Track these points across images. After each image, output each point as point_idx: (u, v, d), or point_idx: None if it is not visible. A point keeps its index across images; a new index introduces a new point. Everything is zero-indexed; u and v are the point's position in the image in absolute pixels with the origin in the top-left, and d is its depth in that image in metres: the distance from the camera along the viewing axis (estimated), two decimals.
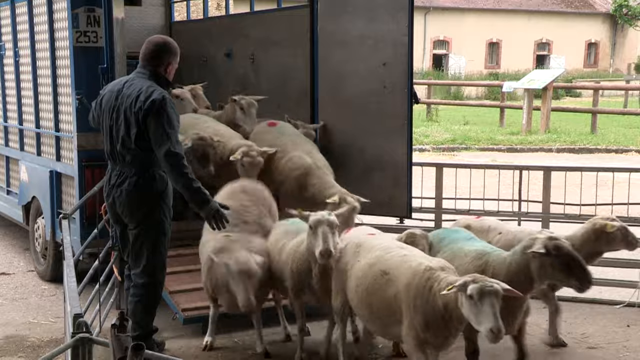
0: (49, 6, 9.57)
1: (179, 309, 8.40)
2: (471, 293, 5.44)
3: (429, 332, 6.04)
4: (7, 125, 11.68)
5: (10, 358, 7.92)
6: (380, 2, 9.91)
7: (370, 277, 6.50)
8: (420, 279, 5.97)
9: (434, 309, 5.90)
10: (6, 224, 13.08)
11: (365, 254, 6.75)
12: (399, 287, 6.17)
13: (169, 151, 6.82)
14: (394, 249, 6.70)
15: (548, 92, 29.36)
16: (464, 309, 5.58)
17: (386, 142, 9.84)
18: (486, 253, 6.99)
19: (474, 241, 7.58)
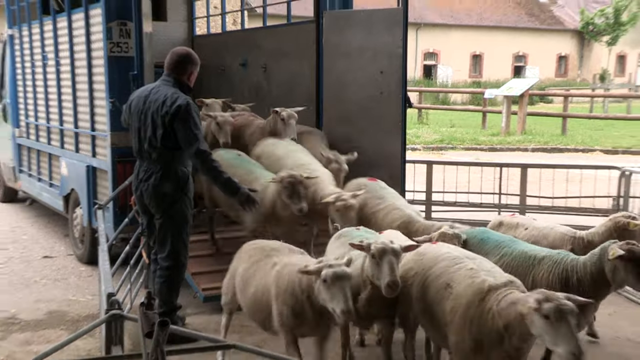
0: (86, 20, 9.60)
1: (199, 288, 8.46)
2: (547, 313, 4.62)
3: (481, 353, 5.14)
4: (49, 125, 11.63)
5: (53, 330, 7.96)
6: (378, 18, 9.94)
7: (435, 288, 5.61)
8: (480, 300, 5.10)
9: (491, 330, 5.01)
10: (49, 213, 13.07)
11: (430, 264, 5.86)
12: (459, 303, 5.27)
13: (199, 150, 7.03)
14: (462, 259, 5.69)
15: (524, 98, 29.42)
16: (535, 328, 4.72)
17: (383, 142, 9.84)
18: (560, 259, 6.24)
19: (522, 243, 6.82)
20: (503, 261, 6.34)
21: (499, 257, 6.45)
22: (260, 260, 6.27)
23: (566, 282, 5.92)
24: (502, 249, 6.54)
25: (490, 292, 5.10)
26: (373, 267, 5.72)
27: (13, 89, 13.47)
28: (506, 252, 6.48)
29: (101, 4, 9.06)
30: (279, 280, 5.77)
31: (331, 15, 10.50)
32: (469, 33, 58.93)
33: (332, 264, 5.24)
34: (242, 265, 6.45)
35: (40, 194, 12.66)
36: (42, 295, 9.29)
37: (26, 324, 8.24)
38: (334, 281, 5.07)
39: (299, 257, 6.18)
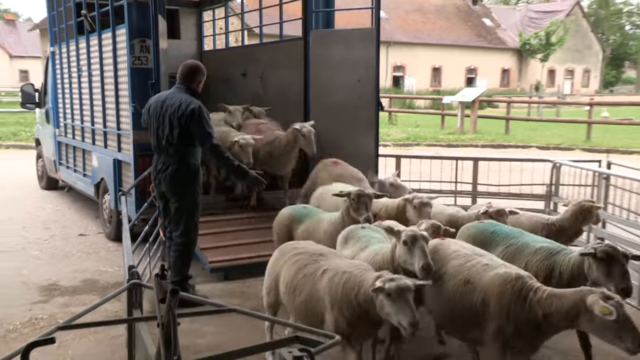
0: (113, 39, 9.52)
1: (207, 261, 8.47)
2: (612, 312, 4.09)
3: (521, 338, 4.73)
4: (83, 126, 11.54)
5: (87, 295, 7.95)
6: (355, 36, 9.94)
7: (451, 286, 5.08)
8: (512, 287, 4.67)
9: (529, 318, 4.60)
10: (83, 199, 12.98)
11: (443, 262, 5.27)
12: (488, 295, 4.79)
13: (212, 144, 7.16)
14: (473, 257, 5.21)
15: (475, 104, 29.45)
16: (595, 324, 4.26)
17: (359, 139, 9.81)
18: (555, 252, 5.63)
19: (529, 235, 6.15)
20: (507, 250, 5.88)
21: (506, 246, 5.96)
22: (308, 265, 5.28)
23: (550, 274, 5.49)
24: (510, 239, 6.00)
25: (518, 279, 4.72)
26: (405, 253, 5.21)
27: (54, 96, 13.34)
28: (513, 243, 5.94)
29: (126, 25, 8.96)
30: (333, 289, 4.90)
31: (316, 33, 10.42)
32: (430, 50, 59.17)
33: (394, 278, 4.54)
34: (287, 270, 5.41)
35: (75, 183, 12.57)
36: (78, 266, 9.21)
37: (65, 290, 8.20)
38: (399, 294, 4.44)
39: (347, 262, 5.26)
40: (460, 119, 29.39)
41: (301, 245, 5.69)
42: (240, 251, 8.79)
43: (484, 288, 4.84)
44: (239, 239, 9.05)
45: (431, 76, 59.70)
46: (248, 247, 8.86)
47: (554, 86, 66.66)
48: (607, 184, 9.55)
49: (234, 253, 8.73)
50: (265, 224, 9.22)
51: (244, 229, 9.29)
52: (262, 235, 8.88)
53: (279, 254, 5.74)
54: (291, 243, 5.93)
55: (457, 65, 60.80)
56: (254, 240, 8.96)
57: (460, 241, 5.85)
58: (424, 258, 5.03)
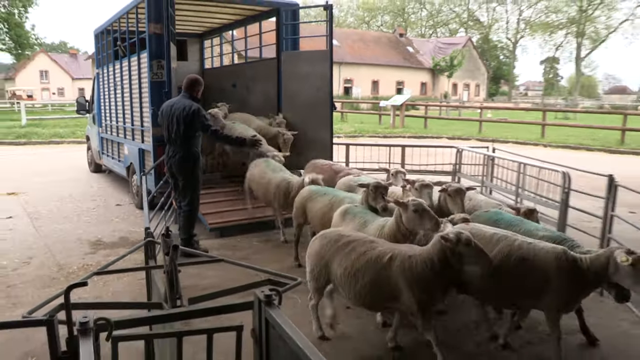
0: (138, 60, 9.30)
1: (207, 223, 8.34)
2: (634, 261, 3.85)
3: (577, 299, 4.36)
4: (117, 124, 11.28)
5: (122, 249, 7.77)
6: (315, 56, 9.72)
7: (509, 265, 4.27)
8: (565, 261, 4.13)
9: (583, 280, 4.13)
10: (119, 179, 12.73)
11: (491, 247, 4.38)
12: (546, 269, 4.16)
13: (212, 131, 7.17)
14: (515, 237, 4.45)
15: (403, 106, 29.50)
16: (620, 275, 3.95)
17: (319, 132, 9.63)
18: (559, 242, 4.56)
19: (529, 224, 5.12)
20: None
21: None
22: (367, 252, 4.35)
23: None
24: (512, 227, 4.96)
25: (565, 253, 4.19)
26: (415, 220, 4.72)
27: (98, 104, 13.05)
28: (516, 231, 4.85)
29: (147, 51, 8.74)
30: (407, 271, 4.14)
31: (287, 54, 10.22)
32: (370, 68, 59.02)
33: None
34: (344, 257, 4.43)
35: (113, 167, 12.34)
36: (116, 227, 9.01)
37: (107, 244, 8.04)
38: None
39: (404, 246, 4.43)
40: (392, 118, 29.35)
41: (346, 233, 4.70)
42: (233, 215, 8.64)
43: (541, 263, 4.21)
44: (232, 205, 8.86)
45: (371, 87, 59.63)
46: (239, 212, 8.72)
47: (457, 95, 67.31)
48: (493, 164, 9.67)
49: (228, 216, 8.58)
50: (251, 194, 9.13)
51: (235, 198, 9.10)
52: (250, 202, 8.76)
53: (325, 241, 4.64)
54: (334, 231, 4.84)
55: (389, 79, 60.78)
56: (244, 207, 8.80)
57: (480, 224, 4.95)
58: (432, 219, 4.59)
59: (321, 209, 6.32)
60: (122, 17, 10.18)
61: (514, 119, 33.36)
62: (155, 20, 8.48)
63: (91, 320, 2.10)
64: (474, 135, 25.19)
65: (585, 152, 20.90)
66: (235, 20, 11.90)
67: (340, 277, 4.43)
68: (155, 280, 3.43)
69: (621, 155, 20.22)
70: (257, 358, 2.45)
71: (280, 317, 2.13)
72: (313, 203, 6.51)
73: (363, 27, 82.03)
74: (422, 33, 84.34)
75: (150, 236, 3.76)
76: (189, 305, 2.58)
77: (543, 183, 8.14)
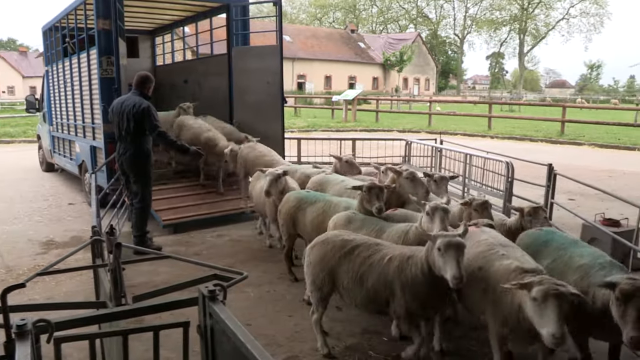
0: (88, 57, 9.07)
1: (161, 219, 8.19)
2: (536, 295, 3.08)
3: (507, 327, 3.50)
4: (68, 122, 10.96)
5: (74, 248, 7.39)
6: (265, 51, 9.63)
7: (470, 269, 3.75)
8: (506, 280, 3.45)
9: (511, 309, 3.40)
10: (72, 177, 12.38)
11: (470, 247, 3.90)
12: (490, 283, 3.63)
13: (160, 132, 6.97)
14: (496, 246, 3.87)
15: (355, 101, 29.68)
16: (527, 309, 3.19)
17: (270, 125, 9.52)
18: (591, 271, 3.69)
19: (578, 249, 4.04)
20: (555, 264, 4.00)
21: (552, 260, 4.06)
22: (373, 255, 4.02)
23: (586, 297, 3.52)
24: (559, 251, 4.07)
25: (515, 272, 3.49)
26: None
27: (48, 102, 12.69)
28: (560, 256, 4.02)
29: (96, 47, 8.49)
30: (402, 274, 3.83)
31: (237, 49, 10.07)
32: (323, 64, 58.85)
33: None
34: (350, 263, 4.07)
35: (65, 165, 11.96)
36: (68, 226, 8.76)
37: (59, 244, 7.81)
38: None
39: (412, 248, 4.05)
40: (344, 112, 29.43)
41: (350, 237, 4.25)
42: (186, 211, 8.51)
43: (490, 276, 3.67)
44: (184, 201, 8.73)
45: (324, 82, 59.58)
46: (192, 208, 8.59)
47: (407, 89, 67.94)
48: (440, 155, 9.78)
49: (181, 212, 8.44)
50: (204, 190, 9.06)
51: (187, 194, 8.97)
52: (202, 198, 8.69)
53: (329, 247, 4.20)
54: (337, 235, 4.35)
55: (342, 74, 60.79)
56: (196, 202, 8.69)
57: (494, 231, 4.34)
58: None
59: (314, 219, 5.53)
60: (70, 13, 9.87)
61: (462, 111, 33.94)
62: (104, 16, 8.26)
63: (29, 322, 1.99)
64: (424, 128, 25.48)
65: (529, 143, 21.42)
66: (186, 16, 11.70)
67: (347, 284, 4.08)
68: (102, 278, 3.30)
69: (561, 145, 20.81)
70: (204, 354, 2.39)
71: (223, 312, 2.07)
72: (303, 213, 5.67)
73: (315, 23, 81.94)
74: (373, 29, 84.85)
75: (97, 234, 3.63)
76: (134, 303, 2.49)
77: (488, 173, 8.30)
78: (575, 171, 8.88)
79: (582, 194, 10.07)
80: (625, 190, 10.60)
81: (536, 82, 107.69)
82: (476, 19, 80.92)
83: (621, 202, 5.99)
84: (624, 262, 4.22)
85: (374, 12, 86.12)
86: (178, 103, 10.14)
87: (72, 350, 4.27)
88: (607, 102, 59.19)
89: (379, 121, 29.13)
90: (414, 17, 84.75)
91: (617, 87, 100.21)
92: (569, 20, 78.53)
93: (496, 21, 79.53)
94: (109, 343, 3.08)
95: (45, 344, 2.13)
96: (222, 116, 10.18)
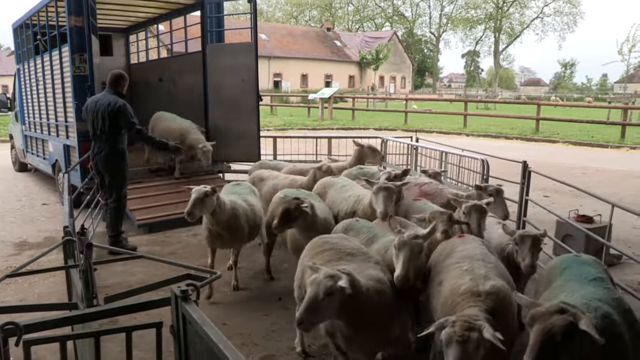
0: (60, 55, 8.92)
1: (135, 219, 8.13)
2: (442, 337, 2.75)
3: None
4: (41, 121, 10.79)
5: (47, 248, 7.35)
6: (240, 48, 9.58)
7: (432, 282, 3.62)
8: (451, 302, 3.17)
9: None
10: (45, 177, 12.20)
11: (442, 258, 3.73)
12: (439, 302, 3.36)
13: (137, 129, 6.94)
14: (465, 260, 3.51)
15: (331, 99, 29.70)
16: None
17: (245, 123, 9.50)
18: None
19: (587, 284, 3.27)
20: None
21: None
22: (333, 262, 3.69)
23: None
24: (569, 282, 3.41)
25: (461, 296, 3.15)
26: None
27: (20, 100, 12.46)
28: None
29: (68, 44, 8.37)
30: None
31: (211, 47, 9.98)
32: (299, 62, 58.75)
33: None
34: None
35: (39, 165, 11.76)
36: (42, 227, 8.64)
37: (32, 245, 7.71)
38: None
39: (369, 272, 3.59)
40: (320, 110, 29.37)
41: (334, 241, 4.02)
42: (161, 210, 8.42)
43: (441, 294, 3.39)
44: (160, 200, 8.62)
45: (300, 80, 59.47)
46: (167, 207, 8.49)
47: (383, 87, 68.19)
48: (416, 153, 9.83)
49: (155, 212, 8.36)
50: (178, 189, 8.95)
51: (163, 193, 8.86)
52: (178, 197, 8.57)
53: (310, 247, 4.09)
54: (324, 237, 4.18)
55: (318, 72, 60.77)
56: (172, 201, 8.57)
57: (476, 242, 3.97)
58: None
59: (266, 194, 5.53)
60: (41, 10, 9.69)
61: (438, 109, 34.20)
62: (76, 12, 8.12)
63: None
64: (400, 126, 25.58)
65: (505, 141, 21.64)
66: (160, 13, 11.55)
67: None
68: (74, 279, 3.27)
69: (536, 142, 21.07)
70: (177, 354, 2.36)
71: (195, 312, 2.05)
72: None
73: (291, 21, 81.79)
74: (349, 27, 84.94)
75: (69, 235, 3.57)
76: (105, 304, 2.46)
77: (464, 170, 8.36)
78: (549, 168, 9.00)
79: (556, 191, 10.20)
80: (599, 187, 10.78)
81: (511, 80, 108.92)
82: (452, 18, 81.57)
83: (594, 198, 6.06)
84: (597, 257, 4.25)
85: (350, 10, 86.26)
86: (153, 101, 10.05)
87: (46, 353, 4.21)
88: (580, 99, 60.09)
89: (355, 119, 29.17)
90: (390, 16, 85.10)
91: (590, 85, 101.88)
92: (543, 19, 79.72)
93: (472, 19, 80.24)
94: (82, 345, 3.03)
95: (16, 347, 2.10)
96: (197, 114, 10.11)
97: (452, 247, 3.85)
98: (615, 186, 11.54)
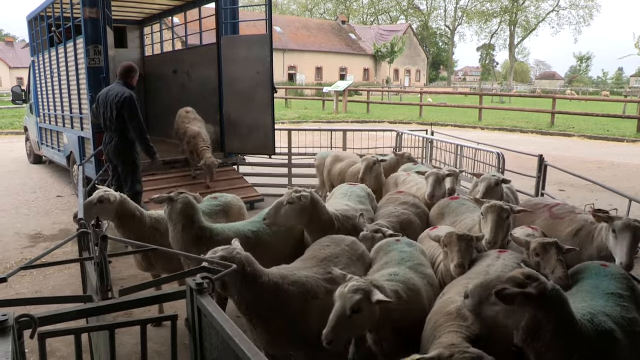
0: (75, 46, 8.93)
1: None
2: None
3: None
4: (56, 113, 10.82)
5: (62, 241, 7.42)
6: (255, 40, 9.51)
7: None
8: (435, 322, 2.91)
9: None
10: (60, 169, 12.37)
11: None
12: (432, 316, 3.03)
13: (138, 123, 6.83)
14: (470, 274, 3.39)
15: (346, 92, 29.66)
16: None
17: (260, 115, 9.46)
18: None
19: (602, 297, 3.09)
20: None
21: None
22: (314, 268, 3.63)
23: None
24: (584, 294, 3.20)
25: (452, 317, 2.86)
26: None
27: (35, 93, 12.52)
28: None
29: (83, 36, 8.38)
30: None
31: (226, 39, 9.90)
32: (314, 55, 58.54)
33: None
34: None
35: (53, 157, 11.84)
36: (56, 219, 8.72)
37: (47, 237, 7.79)
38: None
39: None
40: (335, 103, 29.37)
41: (325, 244, 3.89)
42: None
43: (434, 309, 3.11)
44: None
45: (315, 73, 59.30)
46: None
47: (398, 81, 67.92)
48: (432, 146, 9.77)
49: None
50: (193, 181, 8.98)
51: (177, 185, 8.81)
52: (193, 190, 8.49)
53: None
54: (328, 238, 4.05)
55: (333, 66, 60.53)
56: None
57: (492, 256, 3.64)
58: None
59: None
60: (56, 2, 9.71)
61: (453, 103, 34.01)
62: (91, 4, 8.12)
63: (11, 318, 1.94)
64: (415, 119, 25.47)
65: (520, 134, 21.47)
66: (174, 5, 11.53)
67: None
68: (89, 272, 3.25)
69: (552, 136, 20.89)
70: (192, 347, 2.35)
71: (211, 305, 2.03)
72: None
73: (306, 14, 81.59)
74: (364, 20, 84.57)
75: (84, 227, 3.56)
76: (120, 297, 2.44)
77: (479, 164, 8.28)
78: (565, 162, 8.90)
79: (572, 185, 10.10)
80: (615, 181, 10.66)
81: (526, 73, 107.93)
82: (467, 11, 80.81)
83: (611, 193, 5.99)
84: None
85: (365, 3, 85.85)
86: (167, 94, 10.03)
87: (60, 345, 4.24)
88: (596, 94, 59.53)
89: (370, 112, 29.10)
90: (405, 9, 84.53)
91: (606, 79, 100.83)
92: (559, 13, 78.96)
93: (487, 13, 79.43)
94: (97, 337, 3.03)
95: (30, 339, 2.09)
96: (211, 106, 10.10)
97: (476, 259, 3.58)
98: (632, 180, 11.41)
